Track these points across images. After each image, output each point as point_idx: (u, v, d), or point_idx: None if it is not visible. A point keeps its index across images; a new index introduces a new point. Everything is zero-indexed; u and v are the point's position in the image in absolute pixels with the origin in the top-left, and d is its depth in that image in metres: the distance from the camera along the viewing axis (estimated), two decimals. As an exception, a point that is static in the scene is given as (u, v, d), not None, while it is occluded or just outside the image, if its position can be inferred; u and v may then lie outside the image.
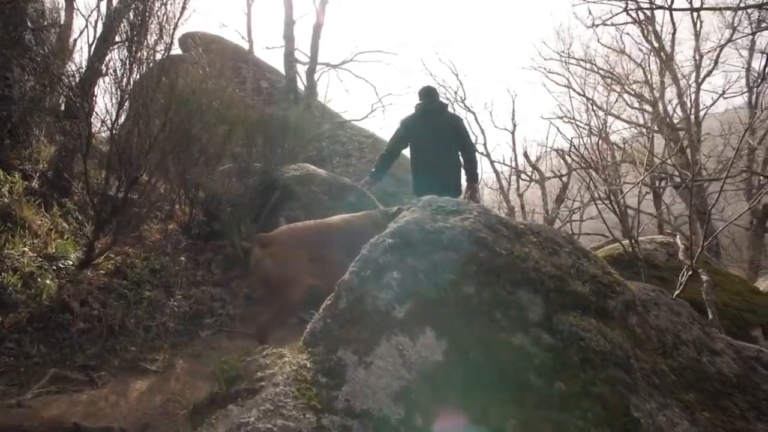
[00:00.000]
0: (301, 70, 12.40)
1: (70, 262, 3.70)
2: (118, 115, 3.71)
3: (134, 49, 3.81)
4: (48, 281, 3.37)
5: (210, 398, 1.89)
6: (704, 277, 4.38)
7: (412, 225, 1.61)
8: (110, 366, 2.97)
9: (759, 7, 11.59)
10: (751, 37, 13.31)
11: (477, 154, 4.97)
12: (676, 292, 4.77)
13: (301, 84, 12.57)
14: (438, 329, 1.28)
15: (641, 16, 14.51)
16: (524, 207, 19.90)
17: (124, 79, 3.71)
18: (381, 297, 1.38)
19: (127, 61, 3.78)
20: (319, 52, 12.67)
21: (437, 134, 4.62)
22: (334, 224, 3.24)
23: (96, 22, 5.49)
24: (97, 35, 5.40)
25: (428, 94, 4.83)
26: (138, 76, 3.93)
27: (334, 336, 1.34)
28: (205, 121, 4.12)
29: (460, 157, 4.71)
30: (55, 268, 3.61)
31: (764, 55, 12.17)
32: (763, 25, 12.17)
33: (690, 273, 4.54)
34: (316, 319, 1.41)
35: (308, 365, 1.17)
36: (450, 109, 5.05)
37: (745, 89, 13.59)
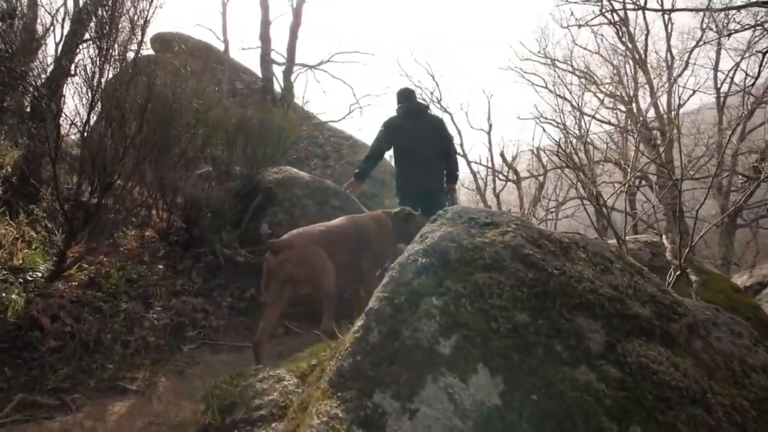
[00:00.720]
0: (278, 71, 12.18)
1: (39, 274, 3.44)
2: (89, 116, 3.48)
3: (105, 45, 3.58)
4: (14, 296, 3.11)
5: (202, 429, 1.72)
6: (693, 277, 4.40)
7: (447, 241, 1.41)
8: (85, 387, 2.75)
9: (725, 9, 11.91)
10: (718, 39, 13.74)
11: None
12: (665, 293, 4.80)
13: (277, 85, 12.35)
14: (491, 366, 1.10)
15: (616, 18, 14.81)
16: (501, 207, 20.08)
17: (95, 78, 3.48)
18: (421, 329, 1.18)
19: (98, 59, 3.55)
20: (296, 53, 12.47)
21: (420, 136, 4.60)
22: (341, 226, 3.31)
23: (63, 17, 5.18)
24: (65, 31, 5.10)
25: (408, 97, 4.85)
26: (110, 75, 3.70)
27: (367, 377, 1.14)
28: (186, 122, 3.91)
29: (442, 159, 4.72)
30: (22, 281, 3.34)
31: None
32: (732, 27, 12.54)
33: (678, 273, 4.56)
34: (343, 355, 1.22)
35: (340, 415, 0.99)
36: (430, 111, 5.06)
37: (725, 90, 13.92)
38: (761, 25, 11.96)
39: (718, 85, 14.26)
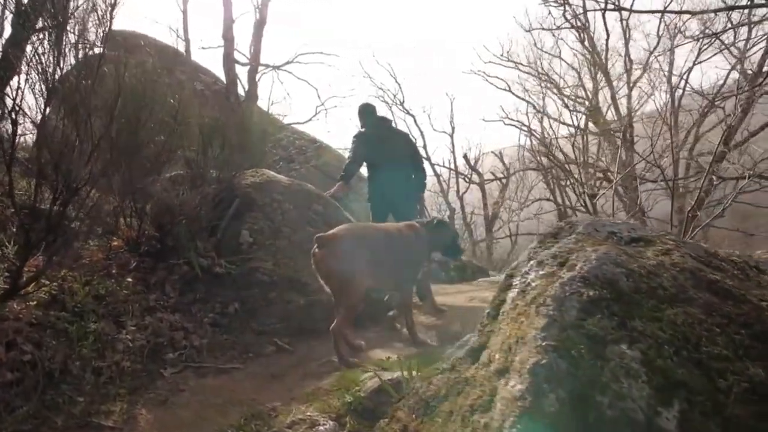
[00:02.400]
0: (240, 71, 11.75)
1: (-11, 294, 3.00)
2: (44, 112, 3.06)
3: (63, 32, 3.17)
4: (-40, 321, 2.68)
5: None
6: None
7: (611, 265, 1.12)
8: (52, 427, 2.37)
9: (680, 13, 12.43)
10: (671, 44, 14.40)
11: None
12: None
13: (240, 87, 11.94)
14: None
15: (578, 23, 15.24)
16: (464, 208, 20.25)
17: (51, 70, 3.07)
18: (625, 393, 0.87)
19: (54, 49, 3.13)
20: (261, 53, 12.07)
21: (391, 148, 4.94)
22: (388, 230, 3.53)
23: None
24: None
25: (372, 111, 5.21)
26: (70, 66, 3.29)
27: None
28: (159, 121, 3.54)
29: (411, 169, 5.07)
30: (-32, 302, 2.90)
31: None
32: (687, 34, 13.11)
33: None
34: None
35: None
36: (394, 125, 5.67)
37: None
38: (705, 35, 12.62)
39: (672, 90, 14.93)
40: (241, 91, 12.21)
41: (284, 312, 3.76)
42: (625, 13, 14.68)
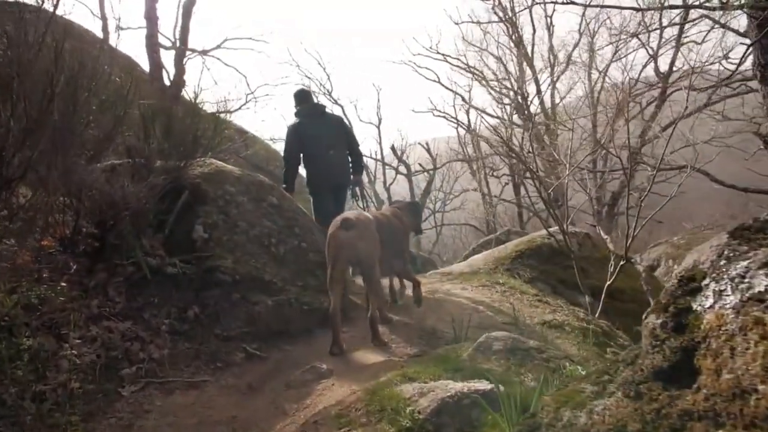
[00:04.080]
0: (165, 56, 10.91)
1: None
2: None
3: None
4: None
5: None
6: (640, 267, 4.72)
7: None
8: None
9: (602, 7, 13.35)
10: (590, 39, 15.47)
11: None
12: (608, 282, 5.06)
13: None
14: None
15: (506, 17, 15.86)
16: (392, 199, 20.46)
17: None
18: None
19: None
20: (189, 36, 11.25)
21: (327, 136, 5.07)
22: (385, 215, 3.90)
23: None
24: None
25: (306, 98, 5.34)
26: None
27: None
28: (100, 103, 3.07)
29: (347, 154, 5.26)
30: None
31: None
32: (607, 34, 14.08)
33: (623, 263, 4.83)
34: None
35: None
36: (328, 110, 5.55)
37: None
38: (623, 33, 13.67)
39: (592, 84, 16.03)
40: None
41: (250, 314, 3.46)
42: (549, 9, 15.51)
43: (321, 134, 5.04)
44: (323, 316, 3.81)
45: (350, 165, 5.28)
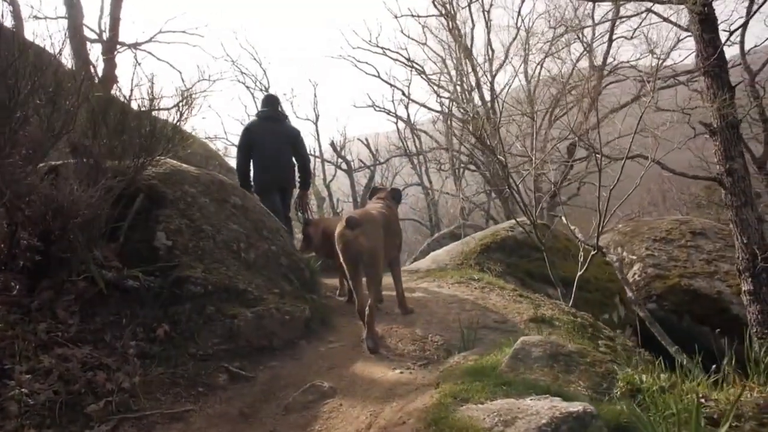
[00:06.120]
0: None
1: None
2: None
3: None
4: None
5: None
6: (612, 257, 4.82)
7: None
8: None
9: None
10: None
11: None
12: (580, 273, 5.14)
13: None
14: None
15: (445, 11, 16.10)
16: (332, 196, 20.27)
17: None
18: None
19: None
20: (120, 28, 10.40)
21: (278, 139, 5.31)
22: (382, 210, 3.85)
23: None
24: None
25: (272, 103, 5.62)
26: None
27: None
28: (41, 95, 2.62)
29: (295, 161, 5.51)
30: None
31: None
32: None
33: (594, 253, 4.91)
34: None
35: None
36: (288, 121, 5.95)
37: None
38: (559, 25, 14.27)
39: (528, 78, 16.60)
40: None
41: (228, 329, 3.12)
42: (486, 4, 15.91)
43: (272, 138, 5.28)
44: (306, 326, 3.55)
45: (295, 171, 5.53)
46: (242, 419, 2.37)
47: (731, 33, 6.69)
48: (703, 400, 1.49)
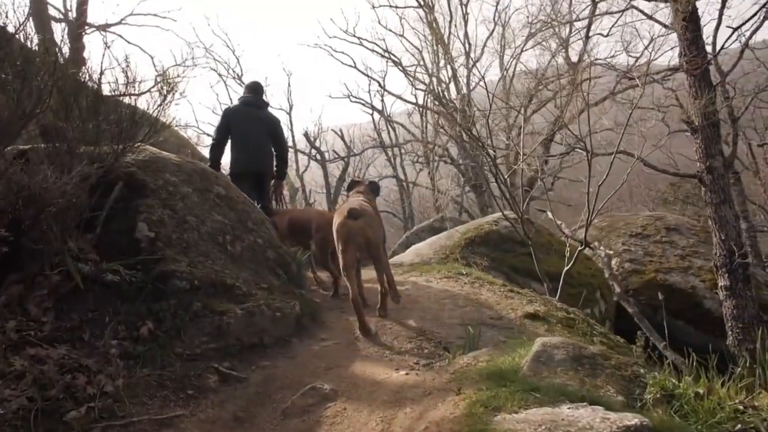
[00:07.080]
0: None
1: None
2: None
3: None
4: None
5: None
6: (601, 253, 4.84)
7: None
8: None
9: None
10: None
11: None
12: (567, 267, 5.15)
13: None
14: None
15: (423, 2, 16.03)
16: (305, 187, 20.04)
17: None
18: None
19: None
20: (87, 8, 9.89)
21: (255, 125, 5.30)
22: (370, 203, 3.87)
23: None
24: None
25: (256, 90, 5.65)
26: None
27: None
28: (17, 66, 2.37)
29: (273, 150, 5.47)
30: None
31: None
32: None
33: (582, 248, 4.92)
34: None
35: None
36: (270, 108, 5.82)
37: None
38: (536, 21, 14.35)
39: (505, 70, 16.70)
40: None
41: (217, 327, 2.94)
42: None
43: (250, 123, 5.27)
44: (297, 323, 3.41)
45: (273, 158, 5.45)
46: (237, 425, 2.23)
47: (717, 32, 6.80)
48: (741, 407, 1.46)
